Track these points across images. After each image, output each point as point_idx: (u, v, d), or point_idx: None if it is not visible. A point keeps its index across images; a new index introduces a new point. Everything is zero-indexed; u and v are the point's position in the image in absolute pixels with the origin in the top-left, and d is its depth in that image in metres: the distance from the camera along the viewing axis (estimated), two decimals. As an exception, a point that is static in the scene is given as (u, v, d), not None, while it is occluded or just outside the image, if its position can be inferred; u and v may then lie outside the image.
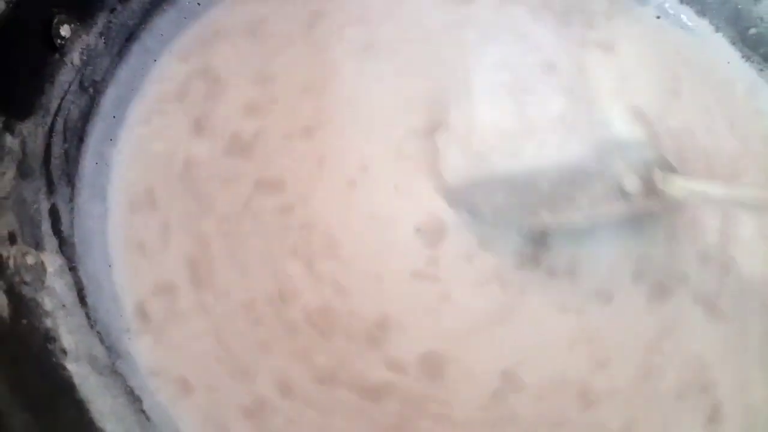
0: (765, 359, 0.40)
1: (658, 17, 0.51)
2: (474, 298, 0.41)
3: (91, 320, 0.38)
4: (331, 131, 0.44)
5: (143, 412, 0.36)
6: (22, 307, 0.33)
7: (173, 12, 0.48)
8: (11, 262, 0.34)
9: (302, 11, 0.48)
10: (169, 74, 0.46)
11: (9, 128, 0.36)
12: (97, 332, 0.37)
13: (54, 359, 0.33)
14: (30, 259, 0.35)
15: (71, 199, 0.41)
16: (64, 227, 0.39)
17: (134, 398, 0.36)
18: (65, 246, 0.39)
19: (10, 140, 0.36)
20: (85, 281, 0.39)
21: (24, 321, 0.33)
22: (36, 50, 0.39)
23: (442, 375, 0.39)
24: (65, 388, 0.32)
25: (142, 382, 0.37)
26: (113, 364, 0.37)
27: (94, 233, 0.41)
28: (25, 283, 0.34)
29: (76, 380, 0.33)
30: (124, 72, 0.46)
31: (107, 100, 0.44)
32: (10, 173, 0.36)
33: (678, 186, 0.38)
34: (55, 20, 0.40)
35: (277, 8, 0.49)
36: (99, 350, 0.37)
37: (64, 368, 0.33)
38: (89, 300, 0.38)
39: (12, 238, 0.35)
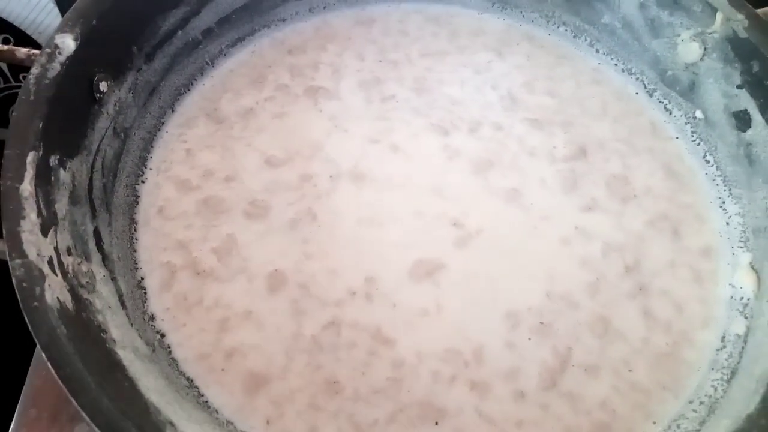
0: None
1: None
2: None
3: (130, 320, 0.45)
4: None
5: (177, 392, 0.43)
6: (81, 304, 0.40)
7: (188, 69, 0.57)
8: (70, 269, 0.41)
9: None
10: (183, 122, 0.55)
11: (62, 164, 0.44)
12: (136, 330, 0.45)
13: (108, 345, 0.40)
14: (84, 267, 0.43)
15: (110, 224, 0.48)
16: (106, 246, 0.47)
17: (170, 382, 0.43)
18: (107, 261, 0.46)
19: (63, 174, 0.44)
20: (124, 290, 0.46)
21: (84, 314, 0.40)
22: (81, 102, 0.47)
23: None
24: (119, 366, 0.39)
25: (174, 371, 0.45)
26: (151, 355, 0.44)
27: (127, 253, 0.49)
28: (81, 285, 0.41)
29: (125, 363, 0.40)
30: (147, 120, 0.54)
31: (135, 144, 0.53)
32: (64, 200, 0.43)
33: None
34: (96, 78, 0.48)
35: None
36: (139, 343, 0.44)
37: (116, 353, 0.40)
38: (127, 305, 0.46)
39: (69, 251, 0.42)
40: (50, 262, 0.39)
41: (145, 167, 0.53)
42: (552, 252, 0.50)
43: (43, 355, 0.35)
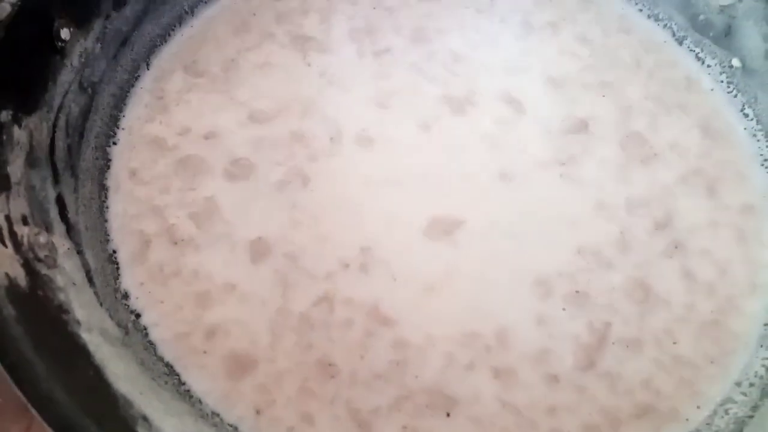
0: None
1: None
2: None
3: (99, 299, 0.40)
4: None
5: (154, 380, 0.38)
6: (38, 280, 0.35)
7: (164, 19, 0.51)
8: (25, 240, 0.36)
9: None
10: (159, 76, 0.49)
11: (17, 121, 0.38)
12: (106, 309, 0.39)
13: (70, 328, 0.35)
14: (42, 239, 0.37)
15: (75, 190, 0.43)
16: (71, 215, 0.41)
17: (145, 368, 0.38)
18: (72, 232, 0.41)
19: (17, 132, 0.38)
20: (92, 264, 0.41)
21: (40, 293, 0.35)
22: (39, 51, 0.41)
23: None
24: (82, 351, 0.34)
25: (151, 355, 0.40)
26: (123, 338, 0.39)
27: (96, 222, 0.44)
28: (39, 259, 0.36)
29: (91, 348, 0.35)
30: (118, 74, 0.48)
31: (104, 100, 0.47)
32: (19, 161, 0.38)
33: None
34: (56, 23, 0.42)
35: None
36: (109, 324, 0.39)
37: (79, 336, 0.35)
38: (96, 281, 0.40)
39: (24, 220, 0.37)
40: (-2, 232, 0.33)
41: (117, 127, 0.47)
42: (579, 211, 0.45)
43: (-16, 339, 0.29)
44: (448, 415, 0.39)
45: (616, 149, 0.48)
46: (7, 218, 0.35)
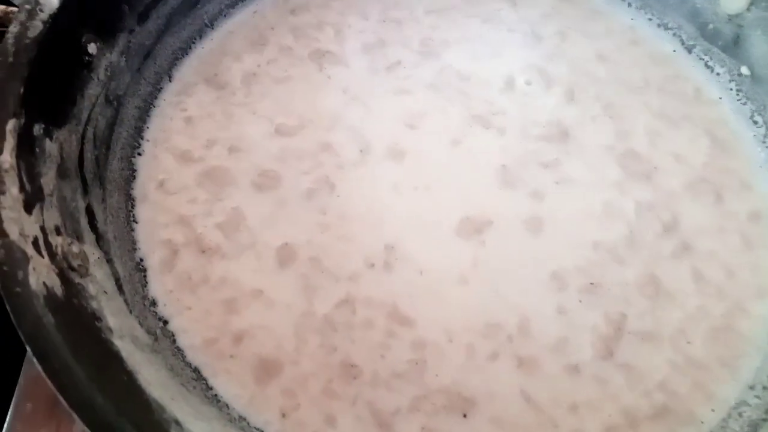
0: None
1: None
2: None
3: (129, 306, 0.41)
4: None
5: (183, 385, 0.39)
6: (72, 289, 0.36)
7: (185, 32, 0.52)
8: (59, 250, 0.37)
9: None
10: (181, 89, 0.51)
11: (48, 134, 0.39)
12: (136, 317, 0.41)
13: (103, 335, 0.36)
14: (75, 248, 0.38)
15: (104, 200, 0.44)
16: (99, 224, 0.43)
17: (174, 373, 0.39)
18: (102, 241, 0.42)
19: (49, 144, 0.39)
20: (121, 272, 0.42)
21: (75, 301, 0.36)
22: (68, 66, 0.42)
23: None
24: (116, 358, 0.35)
25: (179, 361, 0.41)
26: (153, 344, 0.40)
27: (123, 231, 0.45)
28: (72, 269, 0.37)
29: (123, 354, 0.36)
30: (142, 87, 0.50)
31: (129, 112, 0.48)
32: (51, 173, 0.39)
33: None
34: (83, 39, 0.43)
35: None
36: (139, 331, 0.40)
37: (112, 343, 0.36)
38: (125, 289, 0.42)
39: (57, 230, 0.38)
40: (35, 243, 0.35)
41: (142, 138, 0.48)
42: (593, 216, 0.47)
43: (27, 347, 0.30)
44: (464, 416, 0.40)
45: (616, 169, 0.49)
46: (42, 229, 0.36)
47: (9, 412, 0.43)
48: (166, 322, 0.42)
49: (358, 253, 0.44)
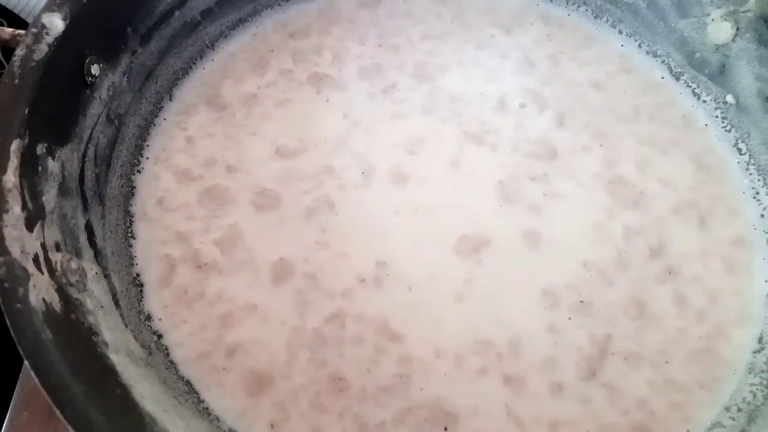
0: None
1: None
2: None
3: (125, 320, 0.42)
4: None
5: (175, 398, 0.40)
6: (71, 304, 0.37)
7: (186, 53, 0.54)
8: (59, 266, 0.38)
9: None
10: (182, 109, 0.52)
11: (51, 153, 0.41)
12: (131, 331, 0.42)
13: (99, 349, 0.37)
14: (74, 264, 0.40)
15: (103, 216, 0.45)
16: (98, 240, 0.44)
17: (167, 387, 0.40)
18: (100, 257, 0.43)
19: (51, 163, 0.41)
20: (118, 287, 0.43)
21: (72, 316, 0.37)
22: (72, 87, 0.44)
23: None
24: (111, 372, 0.36)
25: (172, 374, 0.42)
26: (147, 358, 0.41)
27: (121, 247, 0.46)
28: (71, 284, 0.39)
29: (118, 368, 0.37)
30: (143, 106, 0.51)
31: (129, 131, 0.50)
32: (53, 191, 0.40)
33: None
34: (87, 60, 0.45)
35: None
36: (134, 346, 0.41)
37: (108, 357, 0.37)
38: (121, 304, 0.43)
39: (57, 247, 0.39)
40: (36, 260, 0.36)
41: (141, 156, 0.50)
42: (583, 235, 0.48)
43: (27, 362, 0.32)
44: (445, 429, 0.41)
45: (604, 195, 0.50)
46: (43, 246, 0.37)
47: (5, 422, 0.44)
48: (160, 336, 0.43)
49: (351, 270, 0.45)
